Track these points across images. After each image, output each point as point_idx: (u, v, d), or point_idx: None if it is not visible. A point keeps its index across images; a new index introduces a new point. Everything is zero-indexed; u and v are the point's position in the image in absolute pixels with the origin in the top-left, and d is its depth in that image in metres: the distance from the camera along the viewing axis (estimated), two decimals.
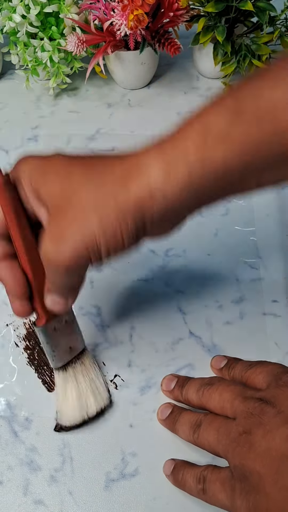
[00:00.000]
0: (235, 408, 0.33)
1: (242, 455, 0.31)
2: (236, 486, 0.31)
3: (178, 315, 0.45)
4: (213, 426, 0.34)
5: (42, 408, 0.40)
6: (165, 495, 0.36)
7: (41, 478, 0.37)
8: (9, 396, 0.40)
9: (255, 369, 0.36)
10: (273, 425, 0.31)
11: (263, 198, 0.52)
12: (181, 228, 0.32)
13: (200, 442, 0.34)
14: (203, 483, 0.33)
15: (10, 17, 0.59)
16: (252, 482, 0.30)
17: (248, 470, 0.31)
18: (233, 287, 0.46)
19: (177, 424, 0.37)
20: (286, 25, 0.59)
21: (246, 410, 0.33)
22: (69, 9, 0.58)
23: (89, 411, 0.38)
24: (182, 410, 0.37)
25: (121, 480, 0.36)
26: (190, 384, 0.38)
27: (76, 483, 0.36)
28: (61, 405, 0.38)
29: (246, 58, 0.59)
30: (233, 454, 0.32)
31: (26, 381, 0.41)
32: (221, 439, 0.33)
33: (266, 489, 0.30)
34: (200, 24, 0.58)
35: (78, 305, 0.45)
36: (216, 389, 0.35)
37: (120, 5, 0.54)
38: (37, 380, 0.41)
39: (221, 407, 0.34)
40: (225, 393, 0.35)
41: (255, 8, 0.56)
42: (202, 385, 0.37)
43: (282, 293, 0.45)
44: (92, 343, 0.43)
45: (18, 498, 0.36)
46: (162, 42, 0.59)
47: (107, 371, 0.42)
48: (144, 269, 0.48)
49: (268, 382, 0.35)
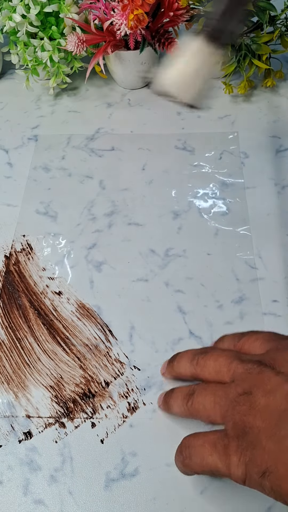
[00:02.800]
0: (233, 371, 0.33)
1: (243, 412, 0.31)
2: (230, 444, 0.31)
3: (178, 315, 0.45)
4: (209, 390, 0.33)
5: (42, 407, 0.40)
6: (165, 495, 0.36)
7: (41, 478, 0.37)
8: (9, 396, 0.40)
9: (248, 337, 0.36)
10: (273, 384, 0.31)
11: (263, 197, 0.52)
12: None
13: (194, 409, 0.34)
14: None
15: (10, 17, 0.59)
16: (250, 437, 0.30)
17: (248, 426, 0.30)
18: (233, 287, 0.46)
19: (171, 400, 0.37)
20: (286, 24, 0.59)
21: (245, 372, 0.32)
22: (69, 8, 0.58)
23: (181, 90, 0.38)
24: (173, 389, 0.37)
25: (121, 480, 0.36)
26: (181, 356, 0.38)
27: (76, 483, 0.36)
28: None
29: (246, 58, 0.59)
30: (233, 412, 0.31)
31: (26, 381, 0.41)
32: (218, 400, 0.32)
33: (262, 443, 0.29)
34: (200, 23, 0.58)
35: (78, 305, 0.45)
36: (211, 355, 0.35)
37: (120, 4, 0.54)
38: (37, 380, 0.41)
39: (217, 372, 0.34)
40: (220, 358, 0.34)
41: (255, 8, 0.56)
42: (196, 354, 0.36)
43: (282, 293, 0.45)
44: (92, 343, 0.43)
45: (18, 498, 0.36)
46: (162, 42, 0.59)
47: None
48: (144, 269, 0.48)
49: (266, 348, 0.34)
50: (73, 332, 0.44)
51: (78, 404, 0.40)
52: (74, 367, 0.42)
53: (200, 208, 0.52)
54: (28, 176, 0.57)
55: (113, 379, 0.41)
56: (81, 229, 0.52)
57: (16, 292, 0.47)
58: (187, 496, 0.35)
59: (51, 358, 0.42)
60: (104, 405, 0.40)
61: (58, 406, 0.40)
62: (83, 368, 0.42)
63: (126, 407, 0.39)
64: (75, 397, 0.40)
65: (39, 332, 0.44)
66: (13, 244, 0.51)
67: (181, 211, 0.52)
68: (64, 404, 0.40)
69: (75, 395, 0.40)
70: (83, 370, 0.42)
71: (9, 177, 0.57)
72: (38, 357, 0.43)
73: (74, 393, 0.40)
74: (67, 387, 0.41)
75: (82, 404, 0.40)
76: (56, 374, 0.42)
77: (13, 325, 0.45)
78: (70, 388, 0.41)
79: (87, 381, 0.41)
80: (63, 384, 0.41)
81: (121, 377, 0.41)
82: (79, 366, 0.42)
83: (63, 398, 0.40)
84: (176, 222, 0.51)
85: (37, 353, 0.43)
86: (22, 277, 0.48)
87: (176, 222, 0.51)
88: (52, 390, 0.41)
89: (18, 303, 0.46)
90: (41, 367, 0.42)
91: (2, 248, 0.51)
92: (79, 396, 0.40)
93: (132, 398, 0.40)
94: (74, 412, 0.39)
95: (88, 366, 0.42)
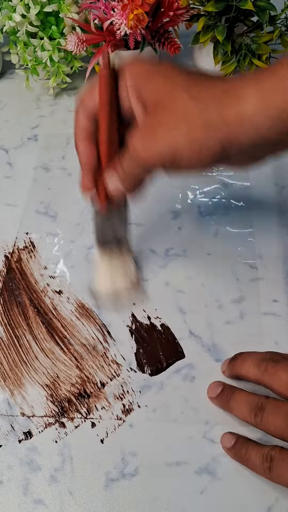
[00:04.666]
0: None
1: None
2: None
3: (178, 315, 0.45)
4: (282, 411, 0.33)
5: (37, 406, 0.40)
6: (165, 495, 0.36)
7: (41, 478, 0.37)
8: (5, 393, 0.40)
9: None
10: None
11: (263, 197, 0.52)
12: (260, 166, 0.34)
13: (263, 426, 0.34)
14: (270, 461, 0.33)
15: (10, 17, 0.59)
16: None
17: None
18: (233, 286, 0.46)
19: (232, 401, 0.37)
20: (286, 24, 0.59)
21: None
22: (69, 8, 0.58)
23: (118, 284, 0.43)
24: (235, 389, 0.37)
25: (121, 479, 0.36)
26: (246, 357, 0.38)
27: (76, 482, 0.36)
28: (95, 275, 0.43)
29: (246, 57, 0.59)
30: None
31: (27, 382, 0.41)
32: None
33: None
34: (200, 23, 0.58)
35: (78, 304, 0.45)
36: (284, 367, 0.35)
37: (120, 4, 0.54)
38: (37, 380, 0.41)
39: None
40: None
41: (255, 7, 0.56)
42: (264, 360, 0.36)
43: (282, 293, 0.45)
44: (90, 343, 0.43)
45: (18, 498, 0.36)
46: (162, 42, 0.59)
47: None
48: (144, 269, 0.48)
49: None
50: (71, 331, 0.44)
51: (73, 404, 0.40)
52: (71, 366, 0.42)
53: (200, 208, 0.52)
54: (28, 176, 0.57)
55: (109, 380, 0.41)
56: (81, 229, 0.52)
57: (17, 289, 0.47)
58: (187, 496, 0.35)
59: (48, 357, 0.42)
60: (99, 406, 0.40)
61: (53, 405, 0.40)
62: (80, 368, 0.42)
63: (120, 409, 0.39)
64: (70, 397, 0.40)
65: (37, 331, 0.44)
66: (16, 242, 0.51)
67: (181, 211, 0.52)
68: (59, 404, 0.40)
69: (70, 395, 0.40)
70: (80, 370, 0.42)
71: (9, 177, 0.57)
72: (35, 355, 0.43)
73: (69, 392, 0.40)
74: (63, 387, 0.41)
75: (77, 404, 0.40)
76: (53, 373, 0.42)
77: (13, 323, 0.45)
78: (66, 388, 0.41)
79: (83, 381, 0.41)
80: (59, 383, 0.41)
81: (117, 378, 0.41)
82: (75, 366, 0.42)
83: (58, 398, 0.40)
84: (176, 222, 0.51)
85: (34, 351, 0.43)
86: (24, 274, 0.48)
87: (176, 222, 0.51)
88: (48, 389, 0.41)
89: (18, 300, 0.46)
90: (38, 366, 0.42)
91: (2, 248, 0.51)
92: (75, 396, 0.40)
93: (127, 400, 0.40)
94: (69, 412, 0.39)
95: (85, 366, 0.42)
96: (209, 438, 0.37)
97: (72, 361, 0.42)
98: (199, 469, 0.36)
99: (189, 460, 0.37)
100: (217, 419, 0.38)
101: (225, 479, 0.36)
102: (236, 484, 0.35)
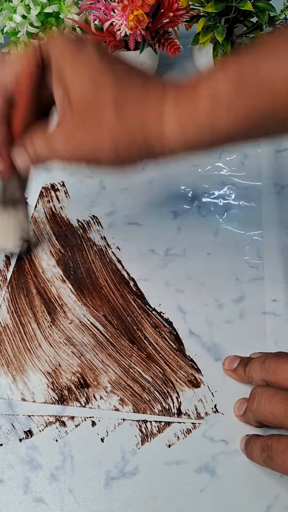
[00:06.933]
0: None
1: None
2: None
3: (178, 314, 0.45)
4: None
5: (38, 393, 0.40)
6: (165, 494, 0.36)
7: (42, 477, 0.37)
8: (7, 378, 0.41)
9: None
10: None
11: (263, 197, 0.53)
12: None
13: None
14: (268, 451, 0.33)
15: (10, 17, 0.59)
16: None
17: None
18: (233, 286, 0.46)
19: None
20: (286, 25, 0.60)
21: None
22: (70, 9, 0.58)
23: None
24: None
25: (121, 478, 0.36)
26: (254, 360, 0.38)
27: (76, 481, 0.36)
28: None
29: None
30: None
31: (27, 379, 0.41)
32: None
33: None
34: (199, 24, 0.58)
35: (78, 304, 0.46)
36: (286, 361, 0.35)
37: (120, 5, 0.54)
38: (37, 381, 0.41)
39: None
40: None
41: (254, 8, 0.56)
42: (267, 358, 0.36)
43: (282, 292, 0.45)
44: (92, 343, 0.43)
45: (18, 496, 0.36)
46: (162, 42, 0.60)
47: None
48: (144, 268, 0.48)
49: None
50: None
51: (73, 393, 0.40)
52: (73, 356, 0.42)
53: (200, 208, 0.52)
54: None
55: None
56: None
57: (24, 277, 0.48)
58: (187, 495, 0.35)
59: (51, 345, 0.43)
60: (97, 396, 0.40)
61: (53, 393, 0.40)
62: (81, 359, 0.42)
63: (117, 401, 0.40)
64: (70, 386, 0.41)
65: (42, 319, 0.45)
66: None
67: (181, 210, 0.52)
68: (60, 392, 0.40)
69: (70, 384, 0.41)
70: (81, 360, 0.42)
71: None
72: (39, 343, 0.43)
73: (70, 381, 0.41)
74: (64, 375, 0.41)
75: (76, 393, 0.40)
76: (55, 361, 0.42)
77: (19, 310, 0.46)
78: (67, 376, 0.41)
79: (83, 370, 0.41)
80: (60, 372, 0.41)
81: None
82: (77, 356, 0.42)
83: (59, 386, 0.41)
84: (176, 222, 0.51)
85: (38, 339, 0.43)
86: (32, 263, 0.49)
87: (176, 222, 0.51)
88: (49, 377, 0.41)
89: (25, 288, 0.47)
90: (41, 353, 0.43)
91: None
92: (75, 385, 0.41)
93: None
94: (68, 400, 0.40)
95: (86, 357, 0.42)
96: (209, 436, 0.38)
97: (74, 352, 0.43)
98: (198, 467, 0.36)
99: (189, 459, 0.37)
100: (217, 417, 0.38)
101: (224, 477, 0.36)
102: (235, 483, 0.35)
